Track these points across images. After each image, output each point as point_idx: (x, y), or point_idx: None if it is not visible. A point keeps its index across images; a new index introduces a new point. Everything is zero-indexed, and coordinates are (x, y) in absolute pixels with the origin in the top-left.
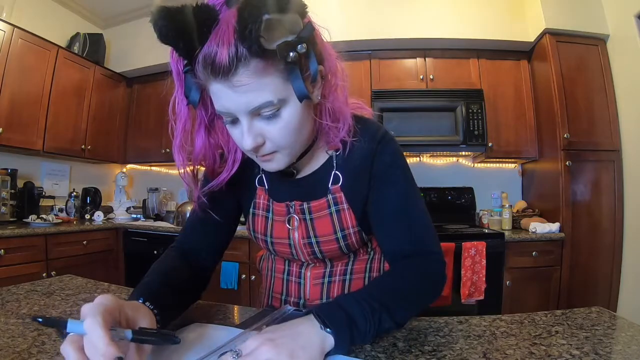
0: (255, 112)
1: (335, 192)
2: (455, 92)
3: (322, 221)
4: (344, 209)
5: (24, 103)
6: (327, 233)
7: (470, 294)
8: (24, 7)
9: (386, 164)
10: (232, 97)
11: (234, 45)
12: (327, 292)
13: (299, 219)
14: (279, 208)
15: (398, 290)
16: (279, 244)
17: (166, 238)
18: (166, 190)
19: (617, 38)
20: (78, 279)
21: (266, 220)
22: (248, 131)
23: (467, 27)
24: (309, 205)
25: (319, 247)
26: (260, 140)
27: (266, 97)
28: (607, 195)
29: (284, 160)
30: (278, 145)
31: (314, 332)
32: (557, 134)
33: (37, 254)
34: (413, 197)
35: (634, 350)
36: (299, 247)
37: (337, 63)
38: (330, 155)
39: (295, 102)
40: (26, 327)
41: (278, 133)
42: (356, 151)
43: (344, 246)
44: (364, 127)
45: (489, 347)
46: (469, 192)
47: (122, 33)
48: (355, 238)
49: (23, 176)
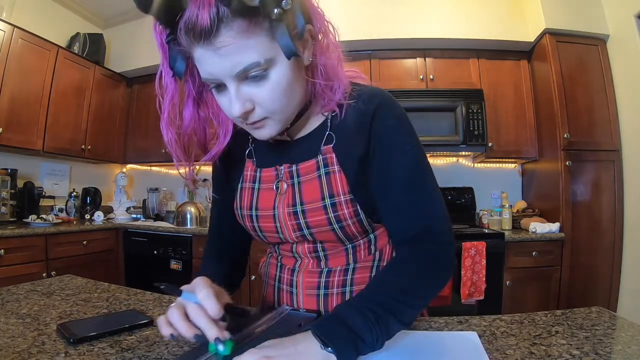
0: (242, 76)
1: (326, 152)
2: (455, 92)
3: (309, 185)
4: (335, 172)
5: (24, 103)
6: (313, 199)
7: (470, 294)
8: (24, 7)
9: (390, 128)
10: (217, 61)
11: (215, 5)
12: (325, 303)
13: (288, 184)
14: (267, 174)
15: (404, 288)
16: (264, 217)
17: (166, 238)
18: (166, 190)
19: (617, 38)
20: (78, 279)
21: (252, 191)
22: (236, 97)
23: (467, 27)
24: (297, 167)
25: (305, 218)
26: (249, 106)
27: (252, 58)
28: (607, 195)
29: (275, 126)
30: (268, 110)
31: (315, 352)
32: (557, 134)
33: (37, 254)
34: (423, 169)
35: (634, 350)
36: (284, 218)
37: (329, 24)
38: (326, 117)
39: (284, 61)
40: (26, 327)
41: (267, 96)
42: (353, 112)
43: (333, 218)
44: (361, 90)
45: (489, 347)
46: (469, 192)
47: (122, 33)
48: (348, 210)
49: (23, 176)
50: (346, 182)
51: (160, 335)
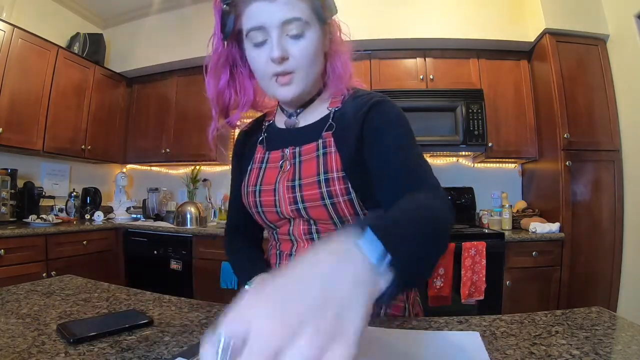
0: (285, 28)
1: (326, 137)
2: (455, 92)
3: (308, 164)
4: (331, 152)
5: (24, 103)
6: (310, 174)
7: (470, 294)
8: (24, 7)
9: (383, 119)
10: (270, 10)
11: None
12: None
13: (290, 163)
14: (274, 155)
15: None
16: (265, 191)
17: (166, 238)
18: (166, 190)
19: (617, 38)
20: (78, 279)
21: (259, 170)
22: (277, 43)
23: (467, 27)
24: (300, 149)
25: (301, 192)
26: (286, 54)
27: (297, 14)
28: (607, 195)
29: (299, 84)
30: (298, 63)
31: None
32: (557, 134)
33: (37, 254)
34: (412, 148)
35: (634, 350)
36: (283, 192)
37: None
38: (330, 111)
39: (317, 29)
40: (26, 327)
41: (300, 51)
42: (352, 105)
43: (325, 193)
44: (363, 91)
45: (489, 347)
46: (469, 192)
47: (122, 33)
48: (340, 187)
49: (23, 176)
50: (340, 161)
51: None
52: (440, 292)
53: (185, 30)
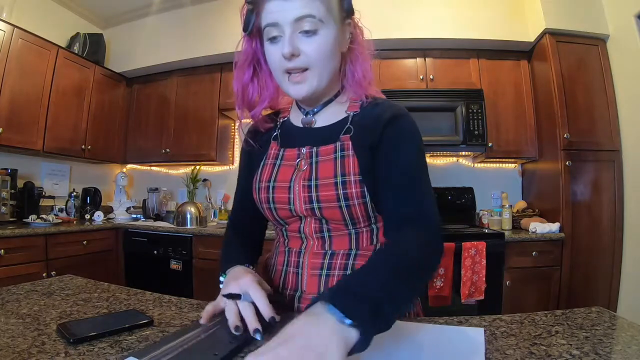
0: (299, 25)
1: (344, 140)
2: (455, 92)
3: (325, 165)
4: (349, 156)
5: (24, 103)
6: (327, 176)
7: (470, 294)
8: (24, 7)
9: (401, 134)
10: (285, 7)
11: None
12: (325, 285)
13: (307, 163)
14: (289, 153)
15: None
16: (280, 188)
17: (166, 238)
18: (166, 190)
19: (617, 38)
20: (78, 279)
21: (273, 167)
22: (289, 40)
23: (467, 27)
24: (318, 149)
25: (317, 192)
26: (297, 51)
27: (310, 11)
28: (607, 195)
29: (312, 81)
30: (310, 60)
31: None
32: (557, 134)
33: (37, 254)
34: (422, 169)
35: (634, 350)
36: (298, 190)
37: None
38: (348, 114)
39: (332, 28)
40: (26, 327)
41: (312, 49)
42: (371, 114)
43: (342, 195)
44: (383, 100)
45: (489, 347)
46: (469, 192)
47: (122, 33)
48: (356, 190)
49: (23, 176)
50: (357, 165)
51: (160, 335)
52: (440, 292)
53: (185, 30)
